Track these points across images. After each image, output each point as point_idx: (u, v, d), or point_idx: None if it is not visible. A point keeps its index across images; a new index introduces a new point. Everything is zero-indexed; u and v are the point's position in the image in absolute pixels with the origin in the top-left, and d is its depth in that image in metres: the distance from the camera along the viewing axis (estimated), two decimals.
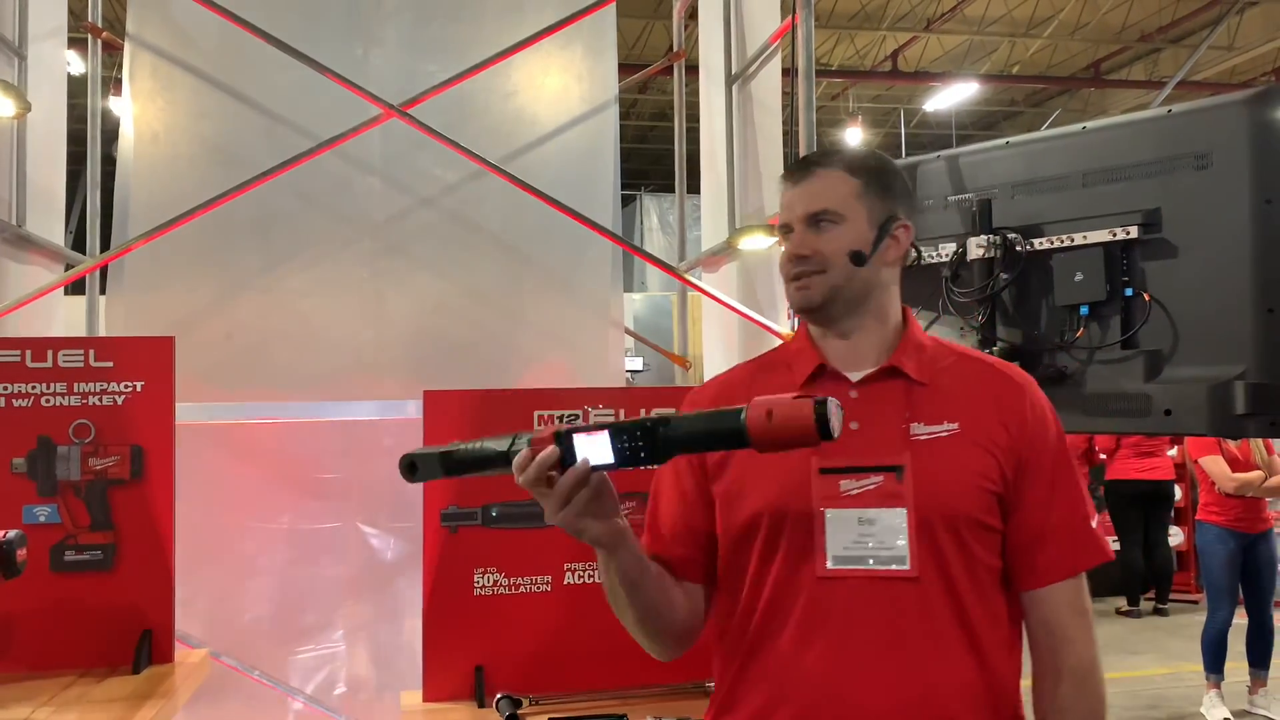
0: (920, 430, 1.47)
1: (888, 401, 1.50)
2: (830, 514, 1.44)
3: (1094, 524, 1.53)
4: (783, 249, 1.57)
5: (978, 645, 1.43)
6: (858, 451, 1.45)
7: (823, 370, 1.54)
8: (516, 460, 1.32)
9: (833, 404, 1.20)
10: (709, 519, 1.54)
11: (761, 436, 1.21)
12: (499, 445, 1.34)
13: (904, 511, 1.43)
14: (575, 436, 1.29)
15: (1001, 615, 1.48)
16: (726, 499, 1.52)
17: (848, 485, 1.44)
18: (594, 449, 1.28)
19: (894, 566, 1.42)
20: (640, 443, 1.26)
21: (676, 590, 1.55)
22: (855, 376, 1.52)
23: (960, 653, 1.42)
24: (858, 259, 1.51)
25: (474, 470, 1.37)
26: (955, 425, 1.47)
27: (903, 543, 1.42)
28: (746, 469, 1.49)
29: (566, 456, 1.29)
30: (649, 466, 1.29)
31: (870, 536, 1.43)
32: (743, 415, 1.22)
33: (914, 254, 1.60)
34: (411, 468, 1.39)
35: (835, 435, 1.20)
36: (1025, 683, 1.52)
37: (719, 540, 1.55)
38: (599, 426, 1.28)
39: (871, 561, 1.43)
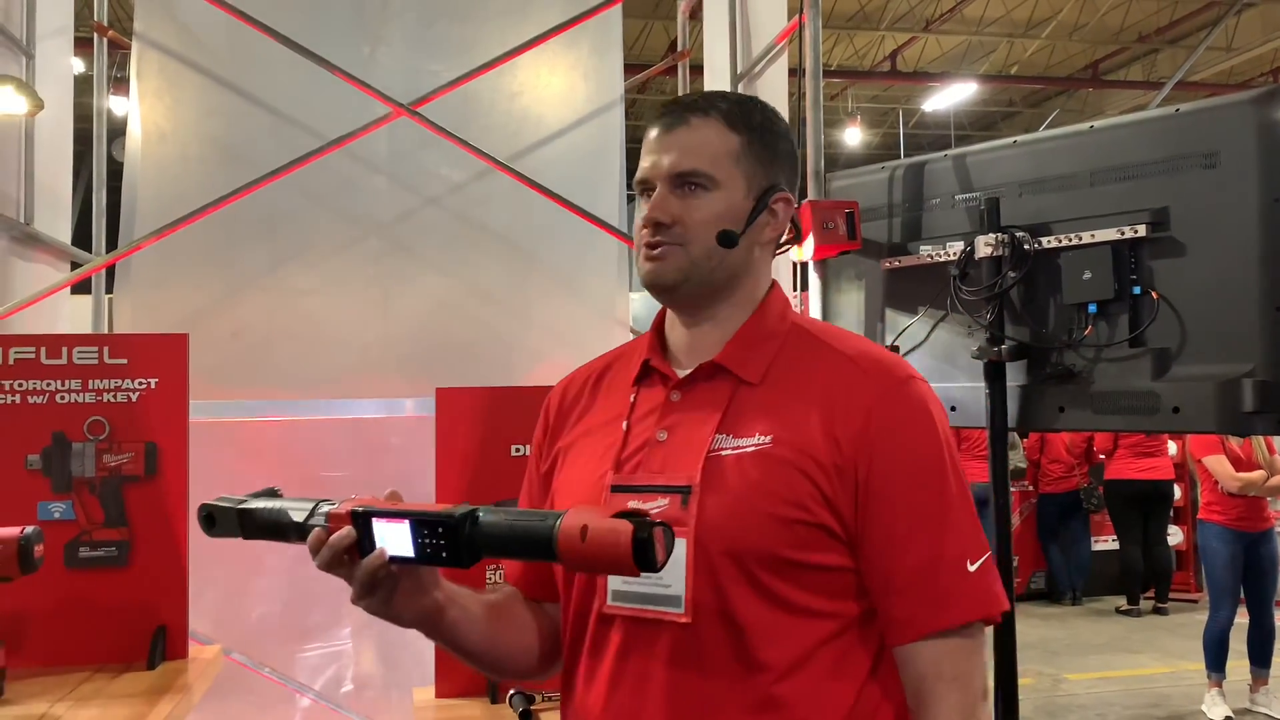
0: (726, 444, 1.20)
1: (706, 407, 1.24)
2: None
3: (975, 566, 1.20)
4: (641, 205, 1.29)
5: (785, 711, 1.16)
6: (657, 467, 1.21)
7: (650, 367, 1.31)
8: (310, 539, 1.16)
9: (660, 530, 1.00)
10: None
11: (571, 557, 1.02)
12: (297, 513, 1.20)
13: (683, 543, 1.16)
14: (375, 521, 1.12)
15: (850, 672, 1.19)
16: (550, 502, 1.34)
17: (634, 506, 1.17)
18: (394, 538, 1.12)
19: (668, 609, 1.17)
20: (442, 541, 1.08)
21: (527, 615, 1.37)
22: (685, 374, 1.28)
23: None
24: (727, 240, 1.25)
25: (270, 536, 1.24)
26: (768, 438, 1.19)
27: (680, 582, 1.17)
28: (562, 475, 1.33)
29: (365, 542, 1.13)
30: (455, 568, 1.11)
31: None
32: (555, 528, 1.03)
33: (793, 231, 1.35)
34: (209, 520, 1.27)
35: (658, 567, 1.00)
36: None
37: None
38: (401, 514, 1.11)
39: (649, 601, 1.19)
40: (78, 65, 4.91)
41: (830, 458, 1.18)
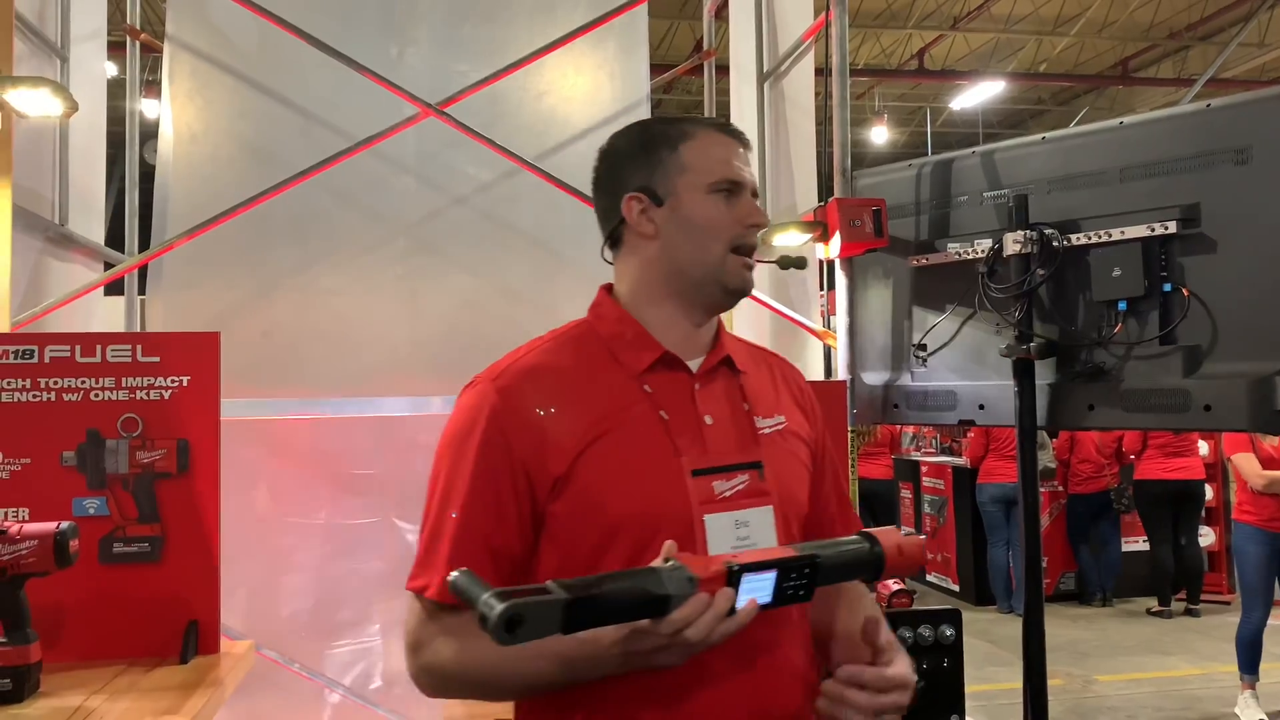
0: (763, 424, 1.42)
1: (727, 394, 1.43)
2: (709, 519, 1.32)
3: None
4: (718, 201, 1.40)
5: (805, 643, 1.41)
6: (719, 449, 1.36)
7: (665, 359, 1.40)
8: (689, 608, 1.11)
9: None
10: (531, 548, 1.34)
11: (893, 571, 1.28)
12: (646, 583, 1.09)
13: (771, 509, 1.36)
14: (745, 575, 1.14)
15: None
16: (575, 513, 1.31)
17: (720, 486, 1.34)
18: (757, 589, 1.15)
19: None
20: (801, 581, 1.17)
21: None
22: (692, 365, 1.42)
23: (806, 649, 1.40)
24: (795, 264, 1.55)
25: (610, 619, 1.11)
26: (782, 418, 1.45)
27: (773, 542, 1.35)
28: (598, 475, 1.32)
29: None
30: (795, 604, 1.21)
31: (746, 539, 1.34)
32: (879, 551, 1.26)
33: None
34: (515, 623, 1.00)
35: None
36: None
37: (547, 563, 1.33)
38: (766, 565, 1.15)
39: None
40: (110, 69, 4.98)
41: (808, 430, 1.50)
